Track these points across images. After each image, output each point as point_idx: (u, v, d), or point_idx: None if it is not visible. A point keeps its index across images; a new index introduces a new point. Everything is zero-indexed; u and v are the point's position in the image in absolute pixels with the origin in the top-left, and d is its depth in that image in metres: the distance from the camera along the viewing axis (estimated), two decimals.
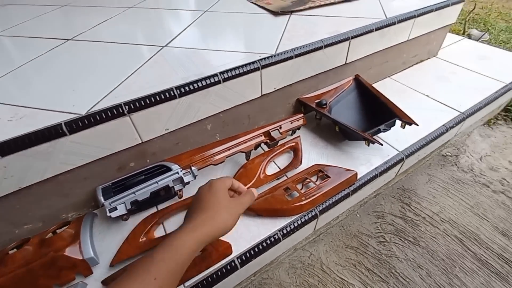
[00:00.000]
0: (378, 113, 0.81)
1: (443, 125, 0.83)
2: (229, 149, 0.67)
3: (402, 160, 0.76)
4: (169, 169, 0.62)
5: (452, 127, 0.84)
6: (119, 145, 0.59)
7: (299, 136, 0.78)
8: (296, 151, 0.75)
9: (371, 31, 0.81)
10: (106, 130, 0.55)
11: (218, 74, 0.62)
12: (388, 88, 1.00)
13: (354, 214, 0.86)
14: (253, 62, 0.65)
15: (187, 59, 0.68)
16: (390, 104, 0.79)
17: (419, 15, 0.90)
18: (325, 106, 0.79)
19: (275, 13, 0.89)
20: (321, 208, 0.65)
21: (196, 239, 0.34)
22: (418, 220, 0.83)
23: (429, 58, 1.13)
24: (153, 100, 0.56)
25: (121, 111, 0.54)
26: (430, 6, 0.92)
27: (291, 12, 0.90)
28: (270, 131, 0.73)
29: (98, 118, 0.53)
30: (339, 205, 0.70)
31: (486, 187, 0.92)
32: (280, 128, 0.74)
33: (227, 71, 0.63)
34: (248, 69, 0.65)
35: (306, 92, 0.84)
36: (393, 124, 0.76)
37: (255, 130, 0.72)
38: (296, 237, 0.67)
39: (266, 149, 0.75)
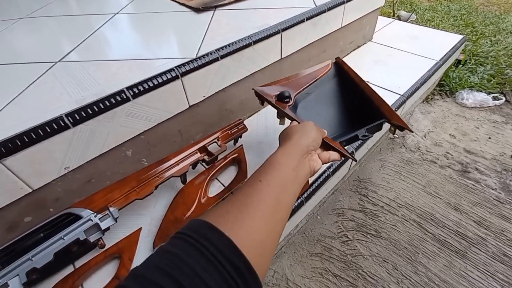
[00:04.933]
0: (360, 110, 0.64)
1: None
2: (157, 176, 0.56)
3: (352, 153, 0.72)
4: (79, 217, 0.49)
5: (395, 111, 0.83)
6: None
7: (241, 145, 0.69)
8: (240, 163, 0.67)
9: (302, 21, 0.76)
10: None
11: (125, 90, 0.50)
12: None
13: (315, 217, 0.81)
14: (169, 71, 0.54)
15: (86, 75, 0.55)
16: (377, 100, 0.61)
17: (348, 0, 0.87)
18: (287, 100, 0.58)
19: (196, 10, 0.79)
20: None
21: (290, 155, 0.38)
22: (377, 210, 0.81)
23: (365, 43, 1.13)
24: (34, 136, 0.43)
25: None
26: None
27: (215, 7, 0.80)
28: (207, 145, 0.63)
29: None
30: (295, 215, 0.63)
31: (433, 163, 0.94)
32: (218, 140, 0.65)
33: (136, 85, 0.51)
34: (164, 79, 0.54)
35: (244, 95, 0.75)
36: (379, 128, 0.58)
37: (190, 146, 0.62)
38: None
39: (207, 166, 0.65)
